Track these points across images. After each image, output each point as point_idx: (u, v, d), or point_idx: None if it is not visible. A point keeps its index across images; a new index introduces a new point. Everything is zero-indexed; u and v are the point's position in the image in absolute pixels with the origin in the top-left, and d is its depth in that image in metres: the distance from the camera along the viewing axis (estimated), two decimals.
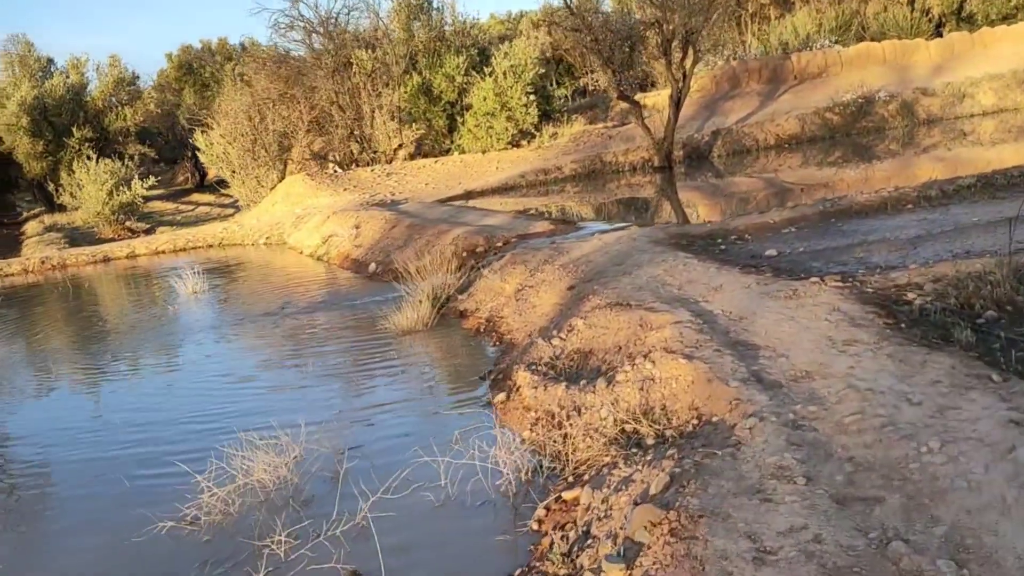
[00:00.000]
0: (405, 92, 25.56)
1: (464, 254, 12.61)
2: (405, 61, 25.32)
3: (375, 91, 24.96)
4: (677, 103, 21.56)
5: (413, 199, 20.99)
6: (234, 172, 24.25)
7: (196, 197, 38.40)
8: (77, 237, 26.09)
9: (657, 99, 27.89)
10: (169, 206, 36.71)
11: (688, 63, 21.49)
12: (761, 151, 23.57)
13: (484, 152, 25.07)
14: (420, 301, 9.95)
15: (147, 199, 39.13)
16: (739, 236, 10.54)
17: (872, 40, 29.17)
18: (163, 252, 21.12)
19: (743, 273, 8.03)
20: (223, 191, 25.85)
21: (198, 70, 46.87)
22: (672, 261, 8.94)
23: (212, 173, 31.54)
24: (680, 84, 21.46)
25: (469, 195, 21.59)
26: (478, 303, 10.00)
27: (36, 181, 36.96)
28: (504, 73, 24.65)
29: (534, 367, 6.86)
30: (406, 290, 10.30)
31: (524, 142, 25.54)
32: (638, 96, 28.41)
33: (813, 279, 7.34)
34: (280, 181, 23.46)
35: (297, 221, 20.14)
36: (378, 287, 12.43)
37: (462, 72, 25.49)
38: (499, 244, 12.64)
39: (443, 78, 25.70)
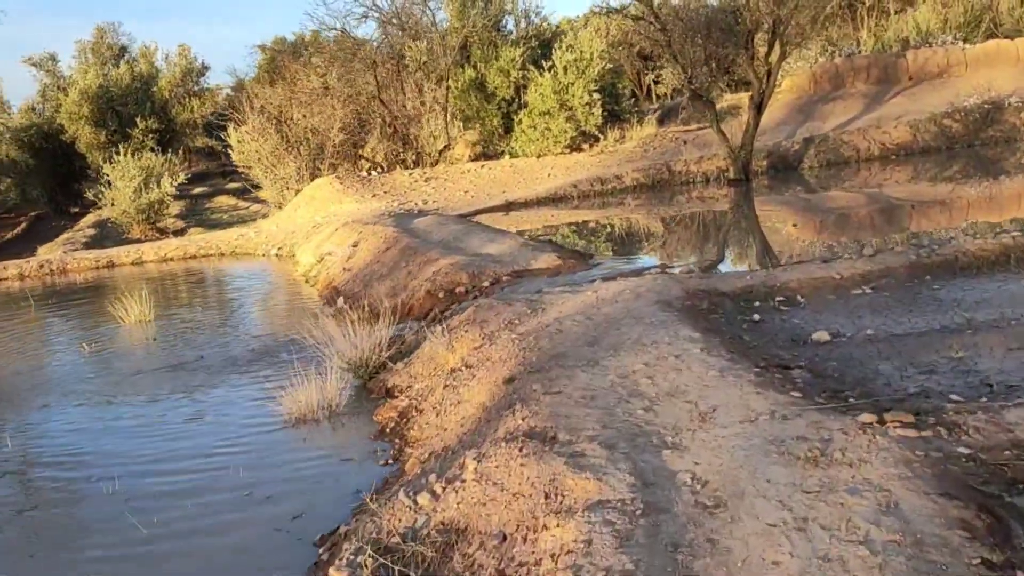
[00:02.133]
0: (456, 88, 22.96)
1: (441, 294, 9.89)
2: (456, 53, 22.69)
3: (422, 86, 22.46)
4: (759, 105, 18.21)
5: (445, 209, 18.40)
6: (267, 171, 22.19)
7: (261, 194, 36.97)
8: (112, 235, 24.60)
9: (745, 99, 24.39)
10: (231, 202, 35.24)
11: (774, 58, 18.09)
12: (863, 163, 19.93)
13: (540, 156, 22.25)
14: (336, 370, 7.28)
15: (212, 194, 38.07)
16: (787, 298, 7.45)
17: (1005, 38, 24.83)
18: (171, 259, 19.18)
19: (759, 384, 5.03)
20: (255, 192, 23.86)
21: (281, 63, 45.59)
22: (667, 345, 5.98)
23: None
24: (763, 83, 18.11)
25: (510, 207, 18.85)
26: (411, 378, 7.27)
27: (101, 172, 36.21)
28: (565, 68, 21.75)
29: (369, 553, 4.07)
30: (336, 351, 7.65)
31: (586, 146, 22.59)
32: (725, 97, 25.00)
33: (865, 418, 4.29)
34: (310, 183, 21.25)
35: (312, 231, 17.83)
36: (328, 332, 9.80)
37: (518, 66, 22.72)
38: (485, 284, 9.86)
39: (497, 73, 22.99)
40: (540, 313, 7.53)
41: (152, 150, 30.43)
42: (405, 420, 6.46)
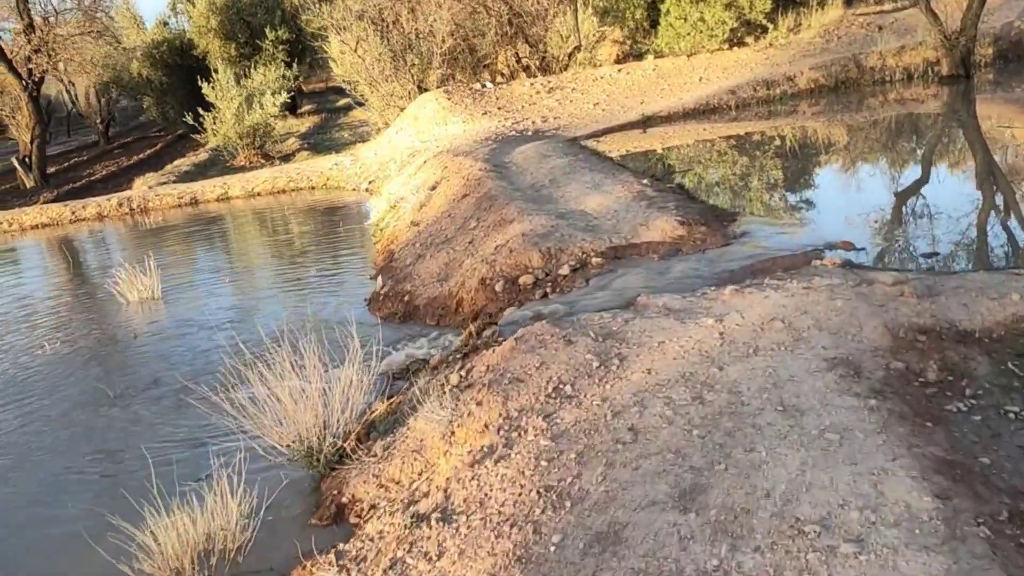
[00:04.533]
0: None
1: (499, 285, 6.62)
2: None
3: None
4: None
5: (566, 129, 14.88)
6: (371, 86, 19.30)
7: (362, 114, 34.28)
8: (219, 163, 22.65)
9: None
10: (363, 116, 32.73)
11: None
12: None
13: (690, 55, 18.06)
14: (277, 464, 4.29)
15: (351, 108, 35.76)
16: None
17: None
18: (258, 194, 16.84)
19: None
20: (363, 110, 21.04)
21: None
22: (868, 529, 2.49)
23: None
24: None
25: (647, 122, 15.05)
26: (383, 487, 4.14)
27: None
28: None
29: None
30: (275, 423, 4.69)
31: (749, 39, 18.15)
32: None
33: None
34: (418, 98, 18.17)
35: (407, 161, 14.85)
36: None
37: None
38: (562, 272, 6.50)
39: None
40: (612, 373, 4.15)
41: (285, 63, 28.25)
42: None
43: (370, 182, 15.38)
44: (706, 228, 6.94)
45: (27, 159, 23.10)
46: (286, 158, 21.66)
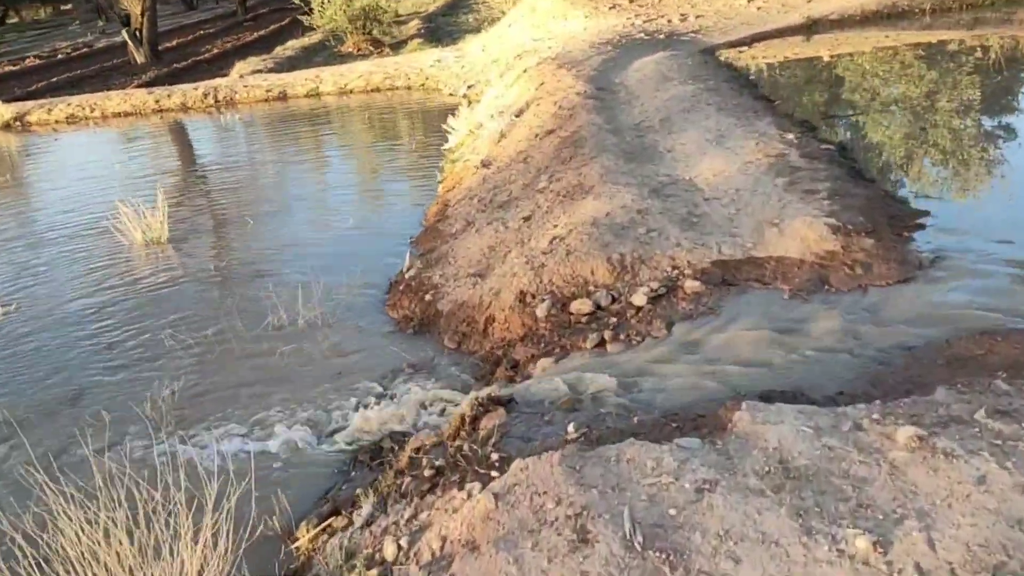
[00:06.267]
0: None
1: (542, 309, 4.46)
2: None
3: None
4: None
5: (710, 32, 12.11)
6: None
7: None
8: (326, 50, 20.75)
9: None
10: None
11: None
12: None
13: None
14: None
15: None
16: None
17: None
18: (352, 91, 14.94)
19: None
20: None
21: None
22: None
23: None
24: None
25: (813, 27, 12.06)
26: None
27: None
28: None
29: None
30: None
31: None
32: None
33: None
34: None
35: (510, 65, 12.49)
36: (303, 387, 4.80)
37: None
38: (638, 301, 4.25)
39: None
40: None
41: None
42: None
43: (469, 86, 13.13)
44: (873, 242, 4.46)
45: (138, 32, 21.92)
46: (398, 46, 19.56)
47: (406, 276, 5.80)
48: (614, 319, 4.22)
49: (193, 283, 6.30)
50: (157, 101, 15.39)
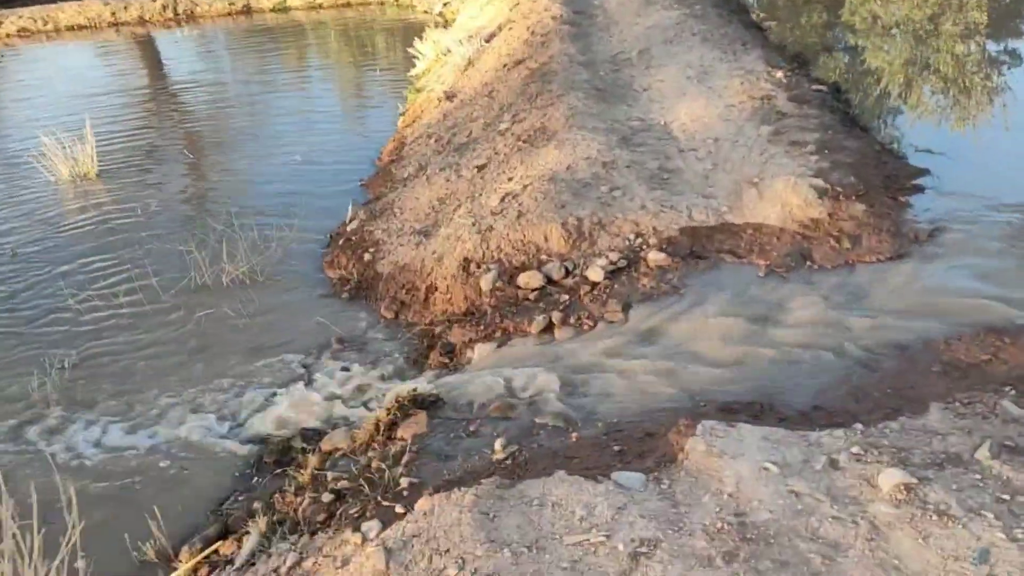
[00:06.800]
0: None
1: (485, 283, 3.92)
2: None
3: None
4: None
5: None
6: None
7: None
8: None
9: None
10: None
11: None
12: None
13: None
14: None
15: None
16: None
17: None
18: (321, 6, 14.07)
19: None
20: None
21: None
22: None
23: None
24: None
25: None
26: None
27: None
28: None
29: None
30: None
31: None
32: None
33: None
34: None
35: None
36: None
37: None
38: (592, 274, 3.71)
39: None
40: None
41: None
42: None
43: (445, 3, 12.28)
44: (864, 208, 3.90)
45: None
46: None
47: (347, 229, 5.22)
48: (566, 296, 3.68)
49: (112, 229, 5.68)
50: (113, 14, 14.43)
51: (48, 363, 4.05)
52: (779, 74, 5.58)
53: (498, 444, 2.71)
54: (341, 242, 5.10)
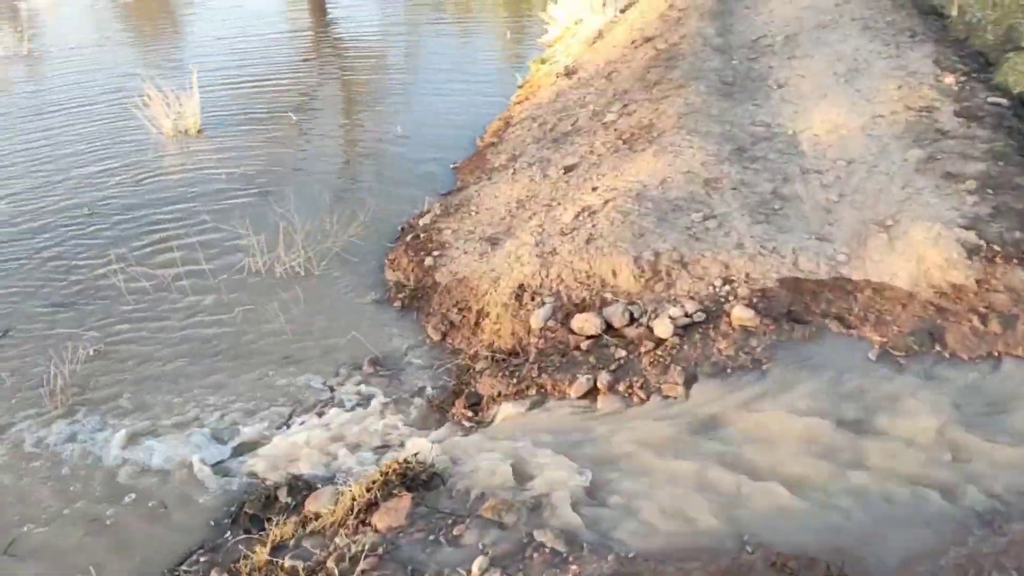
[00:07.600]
0: None
1: (536, 320, 3.33)
2: None
3: None
4: None
5: None
6: None
7: None
8: None
9: None
10: None
11: None
12: None
13: None
14: None
15: None
16: None
17: None
18: None
19: None
20: None
21: None
22: None
23: None
24: None
25: None
26: None
27: None
28: None
29: None
30: None
31: None
32: None
33: None
34: None
35: None
36: None
37: None
38: (658, 327, 3.04)
39: None
40: None
41: None
42: None
43: None
44: None
45: None
46: None
47: (419, 223, 4.71)
48: (622, 353, 3.03)
49: (189, 197, 5.40)
50: None
51: (71, 350, 3.77)
52: (949, 79, 4.58)
53: (476, 566, 2.14)
54: (409, 238, 4.59)
